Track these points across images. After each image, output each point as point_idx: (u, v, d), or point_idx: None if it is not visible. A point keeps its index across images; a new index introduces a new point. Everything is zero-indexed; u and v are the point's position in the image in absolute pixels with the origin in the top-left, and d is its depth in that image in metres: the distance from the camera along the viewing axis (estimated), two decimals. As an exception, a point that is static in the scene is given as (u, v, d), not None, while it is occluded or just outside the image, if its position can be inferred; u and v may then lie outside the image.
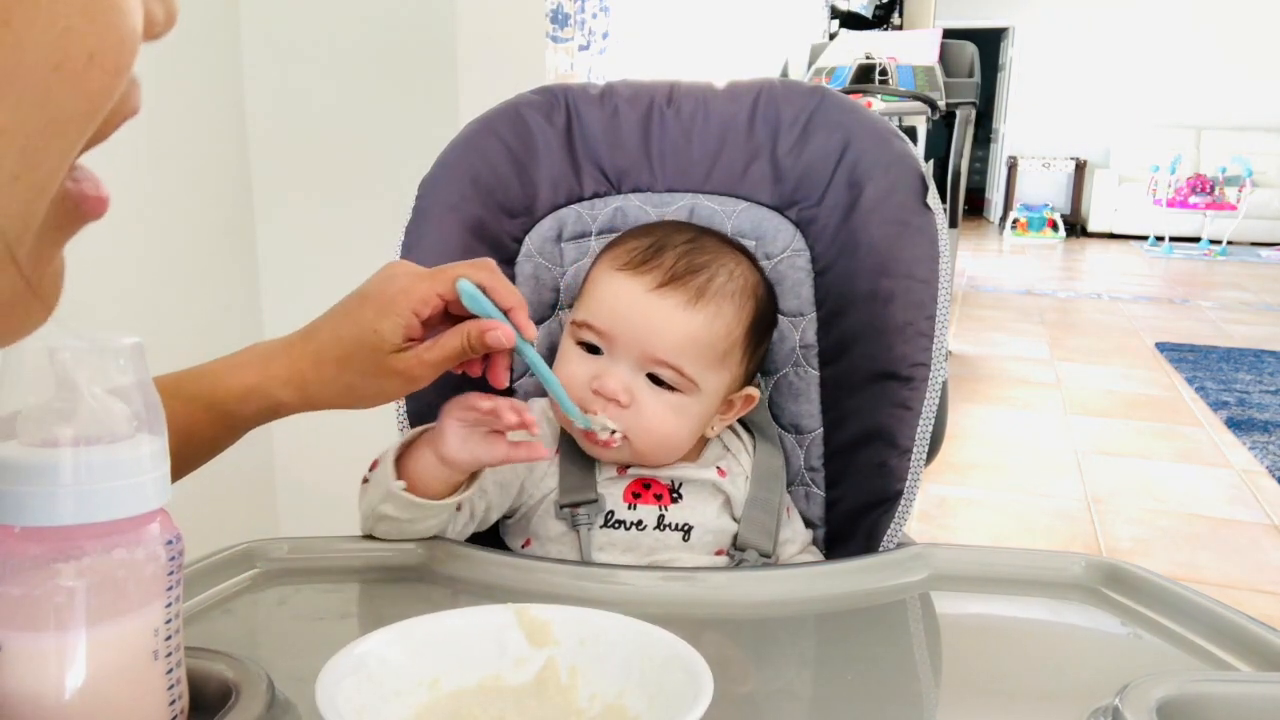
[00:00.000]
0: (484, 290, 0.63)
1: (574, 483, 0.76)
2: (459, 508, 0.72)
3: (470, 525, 0.74)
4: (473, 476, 0.70)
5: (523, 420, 0.64)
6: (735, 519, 0.78)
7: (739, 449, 0.82)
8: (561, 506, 0.75)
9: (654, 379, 0.74)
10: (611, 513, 0.76)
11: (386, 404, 0.67)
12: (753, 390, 0.80)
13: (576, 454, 0.77)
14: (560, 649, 0.51)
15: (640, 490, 0.76)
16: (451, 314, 0.65)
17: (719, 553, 0.77)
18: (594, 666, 0.51)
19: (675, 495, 0.77)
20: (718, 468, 0.79)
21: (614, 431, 0.72)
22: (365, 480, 0.73)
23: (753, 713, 0.53)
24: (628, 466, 0.77)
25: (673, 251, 0.75)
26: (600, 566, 0.72)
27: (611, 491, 0.76)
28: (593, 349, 0.75)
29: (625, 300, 0.74)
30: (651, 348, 0.73)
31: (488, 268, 0.64)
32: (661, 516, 0.76)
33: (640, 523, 0.75)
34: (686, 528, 0.76)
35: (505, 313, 0.63)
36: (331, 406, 0.65)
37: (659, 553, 0.75)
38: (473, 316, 0.63)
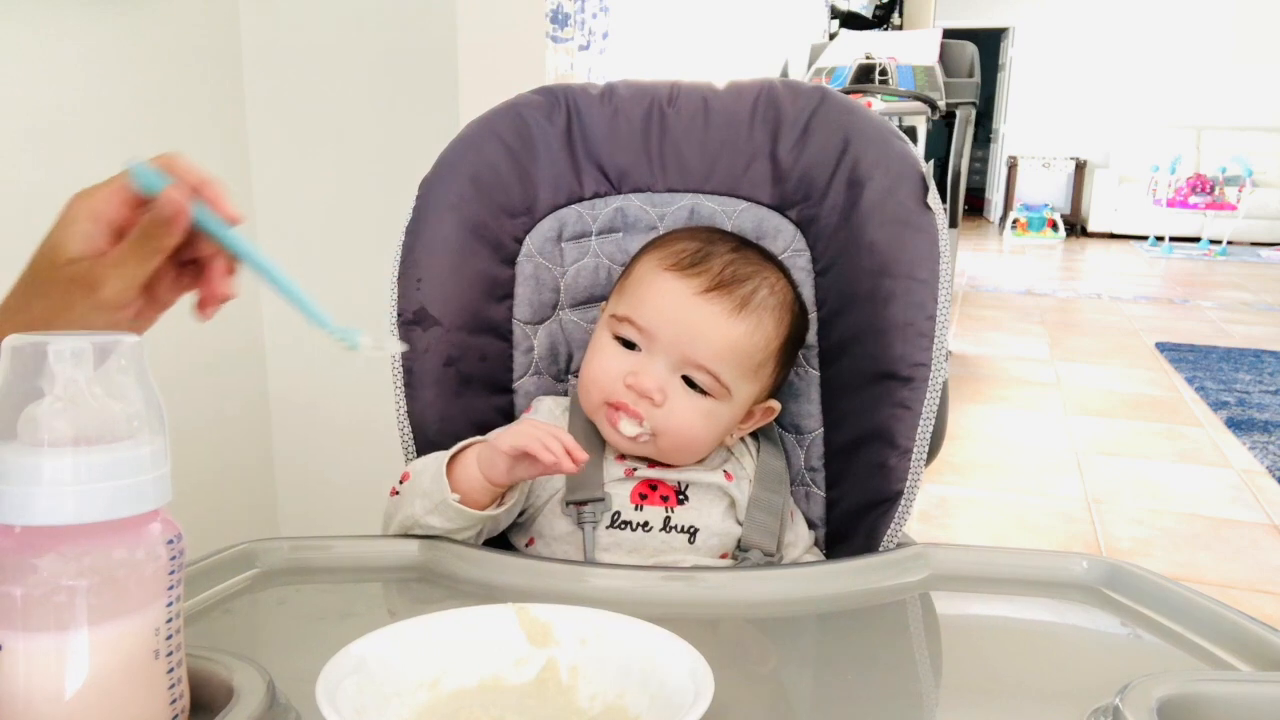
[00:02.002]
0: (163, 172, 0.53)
1: (581, 480, 0.76)
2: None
3: (482, 537, 0.75)
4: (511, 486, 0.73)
5: (577, 462, 0.67)
6: (740, 522, 0.78)
7: (742, 452, 0.82)
8: (568, 503, 0.76)
9: (688, 382, 0.75)
10: (618, 513, 0.76)
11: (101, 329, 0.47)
12: (773, 403, 0.81)
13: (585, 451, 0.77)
14: (561, 649, 0.51)
15: (647, 491, 0.77)
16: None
17: (724, 556, 0.77)
18: (595, 666, 0.51)
19: (682, 497, 0.77)
20: (725, 471, 0.79)
21: (641, 426, 0.74)
22: (395, 492, 0.73)
23: (753, 712, 0.53)
24: (635, 468, 0.77)
25: (720, 259, 0.76)
26: (601, 566, 0.72)
27: (619, 492, 0.76)
28: (628, 344, 0.76)
29: (671, 300, 0.74)
30: (693, 351, 0.74)
31: (171, 153, 0.55)
32: (668, 518, 0.76)
33: (646, 524, 0.75)
34: (692, 530, 0.76)
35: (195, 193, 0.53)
36: None
37: (664, 554, 0.75)
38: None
